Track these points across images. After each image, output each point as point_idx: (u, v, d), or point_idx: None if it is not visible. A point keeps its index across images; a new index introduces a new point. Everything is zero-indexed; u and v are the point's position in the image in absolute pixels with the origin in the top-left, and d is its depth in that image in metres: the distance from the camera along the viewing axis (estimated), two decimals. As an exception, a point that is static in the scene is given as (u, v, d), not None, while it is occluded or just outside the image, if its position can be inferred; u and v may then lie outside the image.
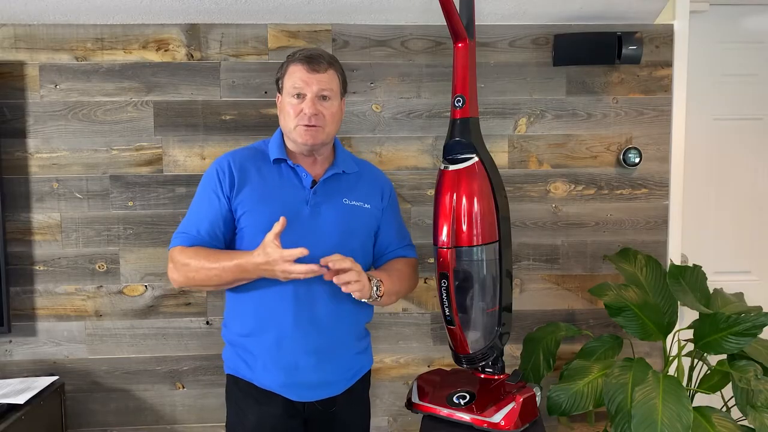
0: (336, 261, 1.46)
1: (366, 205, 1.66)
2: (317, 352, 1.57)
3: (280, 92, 1.63)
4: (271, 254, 1.44)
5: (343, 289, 1.48)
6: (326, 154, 1.66)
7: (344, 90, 1.66)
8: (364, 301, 1.56)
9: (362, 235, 1.66)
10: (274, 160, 1.61)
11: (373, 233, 1.71)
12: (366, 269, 1.67)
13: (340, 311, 1.58)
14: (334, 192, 1.62)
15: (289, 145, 1.64)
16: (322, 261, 1.46)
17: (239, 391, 1.63)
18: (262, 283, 1.55)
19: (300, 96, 1.56)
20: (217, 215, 1.57)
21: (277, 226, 1.45)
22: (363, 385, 1.74)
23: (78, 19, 2.04)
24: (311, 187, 1.60)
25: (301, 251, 1.42)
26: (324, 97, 1.57)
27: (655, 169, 2.21)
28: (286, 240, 1.46)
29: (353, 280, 1.48)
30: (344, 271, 1.47)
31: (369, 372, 1.76)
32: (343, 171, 1.65)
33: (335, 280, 1.47)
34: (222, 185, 1.58)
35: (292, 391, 1.59)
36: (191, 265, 1.53)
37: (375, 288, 1.54)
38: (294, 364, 1.57)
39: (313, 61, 1.56)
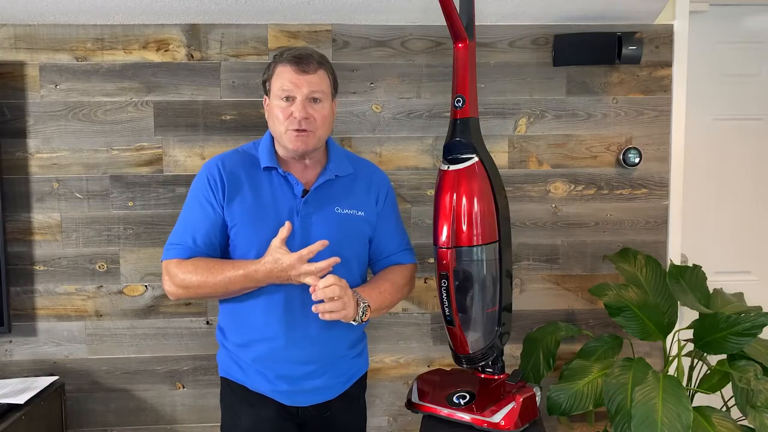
0: (327, 289, 1.40)
1: (359, 213, 1.61)
2: (311, 362, 1.56)
3: (267, 94, 1.57)
4: (284, 260, 1.42)
5: (321, 316, 1.43)
6: (318, 157, 1.61)
7: (335, 90, 1.60)
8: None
9: (356, 244, 1.62)
10: (264, 168, 1.57)
11: (368, 240, 1.67)
12: (361, 277, 1.66)
13: (332, 324, 1.52)
14: (325, 200, 1.57)
15: (279, 150, 1.59)
16: (319, 288, 1.41)
17: (233, 394, 1.63)
18: (253, 296, 1.53)
19: (289, 99, 1.50)
20: (212, 224, 1.54)
21: (283, 231, 1.44)
22: (359, 387, 1.72)
23: (78, 19, 2.04)
24: (302, 196, 1.55)
25: (321, 244, 1.41)
26: (314, 100, 1.51)
27: (655, 169, 2.21)
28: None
29: (337, 310, 1.43)
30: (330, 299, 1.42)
31: (365, 374, 1.75)
32: (336, 176, 1.60)
33: (314, 308, 1.42)
34: (215, 193, 1.54)
35: (286, 397, 1.58)
36: (192, 280, 1.49)
37: (361, 313, 1.49)
38: (289, 373, 1.56)
39: (302, 61, 1.49)
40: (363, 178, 1.67)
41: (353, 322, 1.50)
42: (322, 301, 1.43)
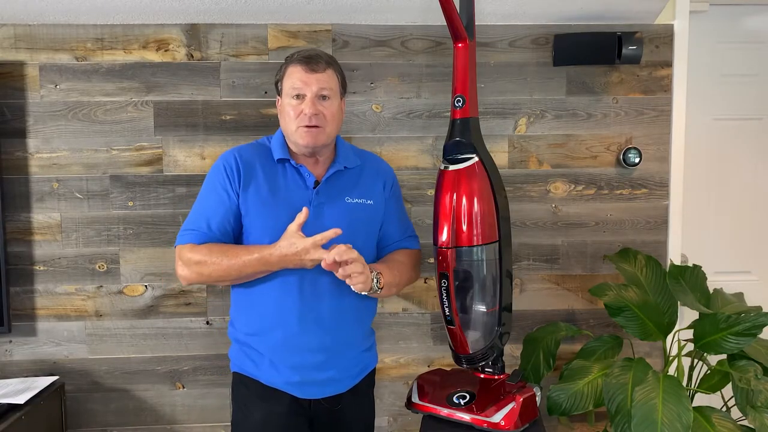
0: (341, 252, 1.46)
1: (369, 202, 1.66)
2: (324, 350, 1.58)
3: (279, 94, 1.63)
4: (299, 244, 1.46)
5: (347, 281, 1.49)
6: (327, 153, 1.66)
7: (344, 90, 1.66)
8: (365, 294, 1.56)
9: (366, 232, 1.66)
10: (277, 160, 1.61)
11: (377, 229, 1.71)
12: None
13: (344, 308, 1.58)
14: (336, 191, 1.62)
15: (291, 146, 1.63)
16: (332, 253, 1.46)
17: (245, 388, 1.64)
18: (266, 281, 1.56)
19: (299, 97, 1.56)
20: (227, 211, 1.58)
21: (300, 216, 1.48)
22: (368, 382, 1.74)
23: (78, 19, 2.04)
24: (314, 187, 1.60)
25: (334, 232, 1.46)
26: (323, 97, 1.56)
27: (655, 169, 2.21)
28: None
29: (357, 272, 1.48)
30: (348, 262, 1.47)
31: (374, 370, 1.77)
32: (345, 167, 1.65)
33: (339, 273, 1.48)
34: (231, 181, 1.58)
35: (298, 389, 1.60)
36: (206, 262, 1.52)
37: (375, 280, 1.54)
38: (301, 363, 1.58)
39: (312, 61, 1.56)
40: (370, 169, 1.72)
41: (369, 293, 1.54)
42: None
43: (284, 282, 1.55)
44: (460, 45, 1.64)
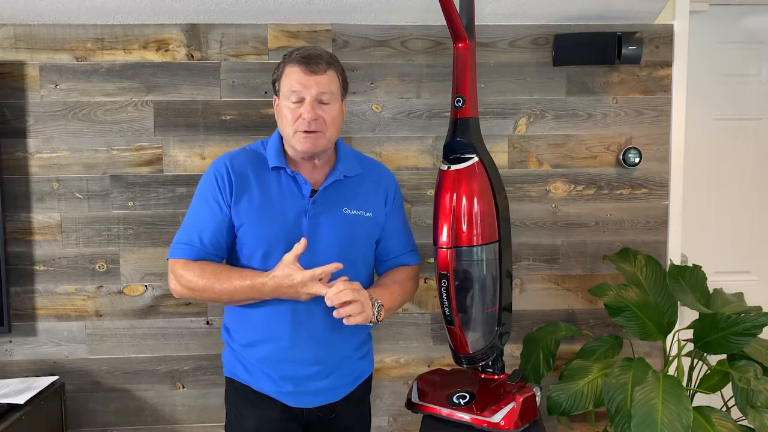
0: (340, 296, 1.41)
1: (367, 214, 1.60)
2: (317, 362, 1.56)
3: (276, 95, 1.56)
4: (295, 277, 1.42)
5: (345, 321, 1.44)
6: (327, 157, 1.59)
7: (345, 91, 1.59)
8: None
9: (363, 245, 1.62)
10: (272, 167, 1.56)
11: (375, 241, 1.67)
12: (367, 279, 1.65)
13: (338, 322, 1.50)
14: (334, 201, 1.56)
15: (288, 150, 1.57)
16: (331, 292, 1.42)
17: (237, 394, 1.62)
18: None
19: (298, 100, 1.49)
20: (219, 224, 1.53)
21: (298, 248, 1.43)
22: (363, 389, 1.72)
23: (78, 19, 2.04)
24: (311, 196, 1.54)
25: (335, 266, 1.41)
26: (323, 101, 1.50)
27: (655, 169, 2.21)
28: (285, 253, 1.46)
29: (356, 313, 1.43)
30: (347, 303, 1.43)
31: (370, 376, 1.75)
32: (345, 176, 1.59)
33: (335, 314, 1.43)
34: (222, 192, 1.52)
35: (291, 398, 1.58)
36: (198, 284, 1.49)
37: (376, 313, 1.50)
38: (294, 374, 1.56)
39: (311, 61, 1.47)
40: (371, 179, 1.66)
41: (369, 323, 1.50)
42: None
43: (278, 303, 1.52)
44: (460, 45, 1.64)
